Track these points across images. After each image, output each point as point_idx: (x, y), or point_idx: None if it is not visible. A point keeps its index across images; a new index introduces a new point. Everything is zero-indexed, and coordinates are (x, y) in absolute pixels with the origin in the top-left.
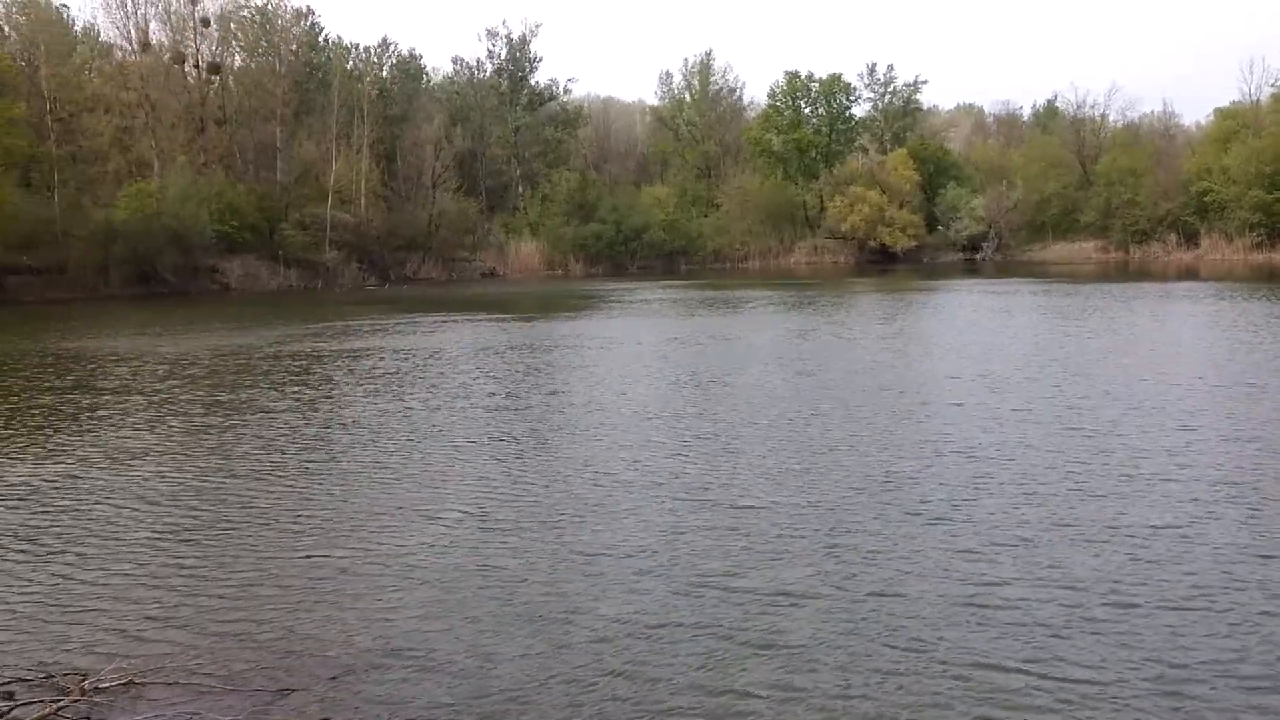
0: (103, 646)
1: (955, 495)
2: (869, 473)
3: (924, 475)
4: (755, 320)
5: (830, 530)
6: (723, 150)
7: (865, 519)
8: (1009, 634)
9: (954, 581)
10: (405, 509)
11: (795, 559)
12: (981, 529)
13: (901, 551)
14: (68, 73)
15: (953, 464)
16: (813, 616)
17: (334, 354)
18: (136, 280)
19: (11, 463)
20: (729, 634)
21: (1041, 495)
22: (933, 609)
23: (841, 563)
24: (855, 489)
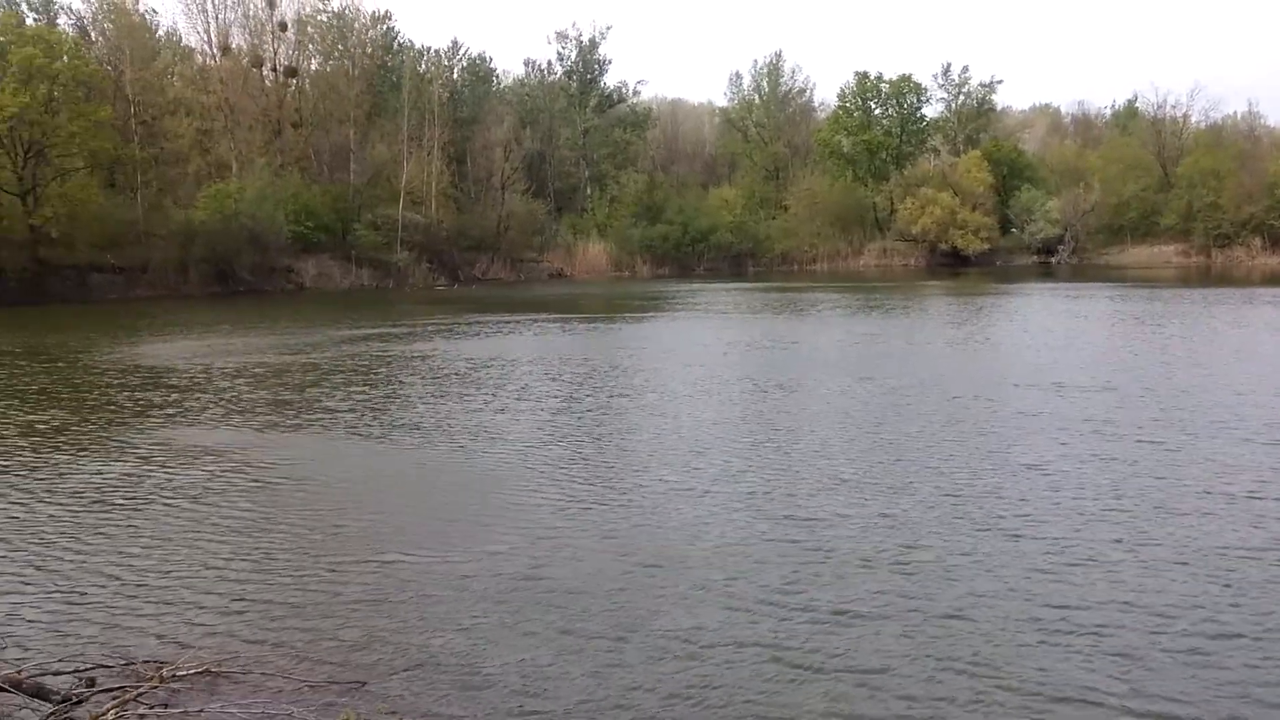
0: (181, 637)
1: (1027, 510)
2: (936, 485)
3: (994, 489)
4: (822, 324)
5: (896, 546)
6: (791, 152)
7: (933, 534)
8: (1087, 661)
9: (1027, 603)
10: (467, 514)
11: (859, 576)
12: (1056, 547)
13: (971, 570)
14: (151, 76)
15: (1024, 477)
16: (877, 637)
17: (401, 354)
18: (215, 279)
19: (88, 459)
20: (789, 654)
21: (1119, 512)
22: (1004, 632)
23: (908, 580)
24: (921, 502)
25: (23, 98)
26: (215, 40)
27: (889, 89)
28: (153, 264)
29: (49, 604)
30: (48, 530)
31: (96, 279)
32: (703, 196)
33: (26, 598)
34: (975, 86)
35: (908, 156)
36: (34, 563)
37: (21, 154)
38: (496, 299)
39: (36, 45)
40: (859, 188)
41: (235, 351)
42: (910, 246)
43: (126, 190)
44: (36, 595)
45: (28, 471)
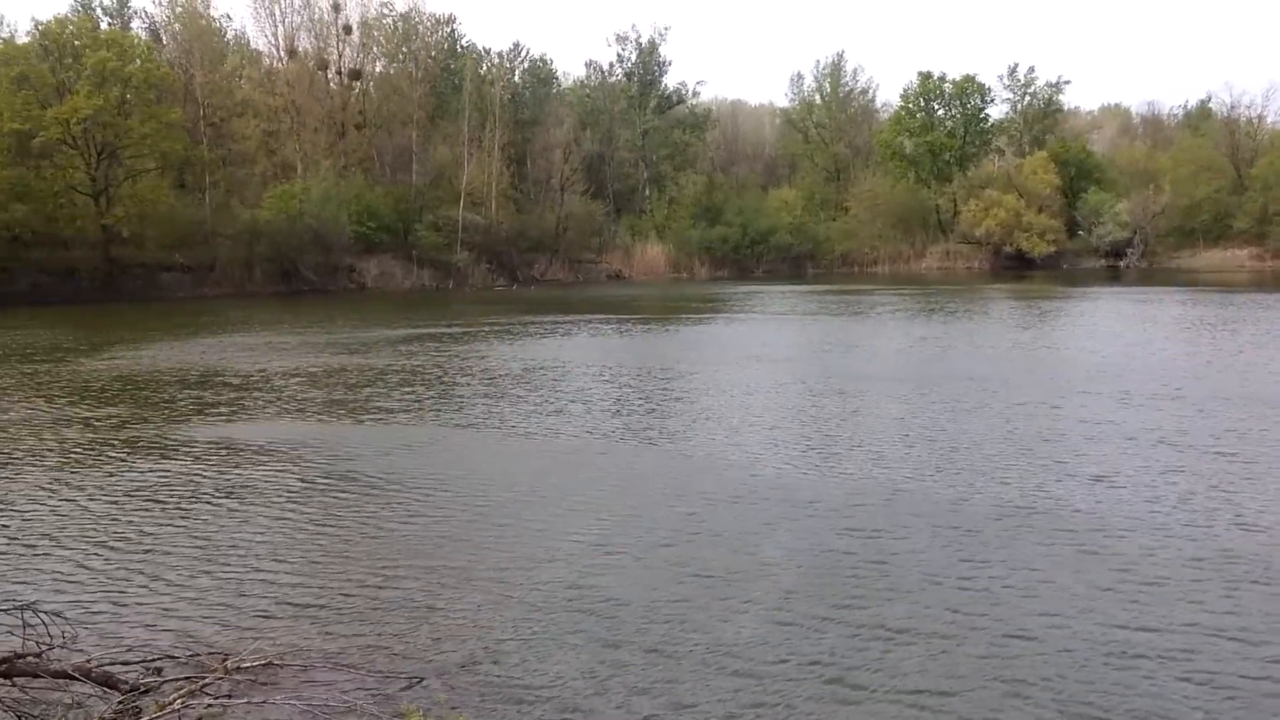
0: (244, 630)
1: (1097, 524)
2: (999, 496)
3: (1061, 501)
4: (882, 327)
5: (958, 560)
6: (853, 153)
7: (994, 549)
8: (1162, 688)
9: (1098, 624)
10: (521, 516)
11: (920, 591)
12: (1128, 564)
13: (1039, 587)
14: (219, 79)
15: (1092, 489)
16: (938, 657)
17: (458, 355)
18: (279, 278)
19: (152, 455)
20: (844, 673)
21: (1192, 527)
22: (1074, 655)
23: (971, 597)
24: (984, 514)
25: (97, 100)
26: (282, 43)
27: (952, 89)
28: (220, 263)
29: (117, 597)
30: (115, 526)
31: (165, 277)
32: (762, 198)
33: (95, 590)
34: (1042, 87)
35: (971, 158)
36: (101, 557)
37: (95, 155)
38: (554, 300)
39: (110, 49)
40: (921, 189)
41: (296, 350)
42: (973, 249)
43: (195, 191)
44: (105, 588)
45: (92, 468)
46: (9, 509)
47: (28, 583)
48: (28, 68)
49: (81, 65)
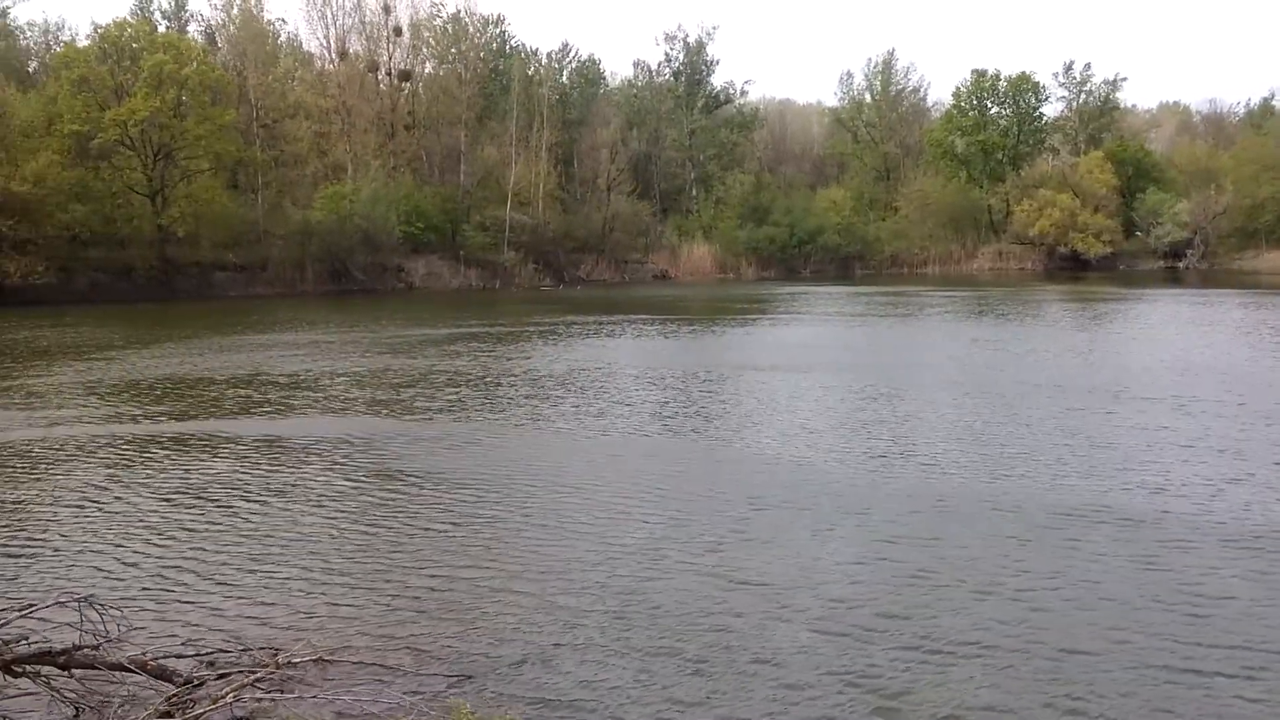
0: (295, 625)
1: (1154, 535)
2: (1054, 505)
3: (1118, 512)
4: (932, 328)
5: (1010, 571)
6: (903, 152)
7: (1050, 559)
8: (1224, 709)
9: (1158, 640)
10: (569, 518)
11: (970, 603)
12: (1190, 579)
13: (1094, 601)
14: (272, 81)
15: (1152, 500)
16: (988, 674)
17: (505, 354)
18: (329, 278)
19: (199, 453)
20: (890, 690)
21: (1257, 539)
22: (1130, 673)
23: (1024, 610)
24: (1038, 524)
25: (153, 102)
26: (334, 45)
27: (1007, 87)
28: (272, 262)
29: (170, 592)
30: (166, 522)
31: (219, 277)
32: (810, 198)
33: (150, 585)
34: (1098, 84)
35: (1025, 157)
36: (154, 553)
37: (151, 156)
38: (599, 300)
39: (167, 52)
40: (973, 189)
41: (343, 349)
42: (1026, 249)
43: (248, 191)
44: (158, 583)
45: (143, 466)
46: (64, 505)
47: (84, 577)
48: (87, 70)
49: (139, 68)
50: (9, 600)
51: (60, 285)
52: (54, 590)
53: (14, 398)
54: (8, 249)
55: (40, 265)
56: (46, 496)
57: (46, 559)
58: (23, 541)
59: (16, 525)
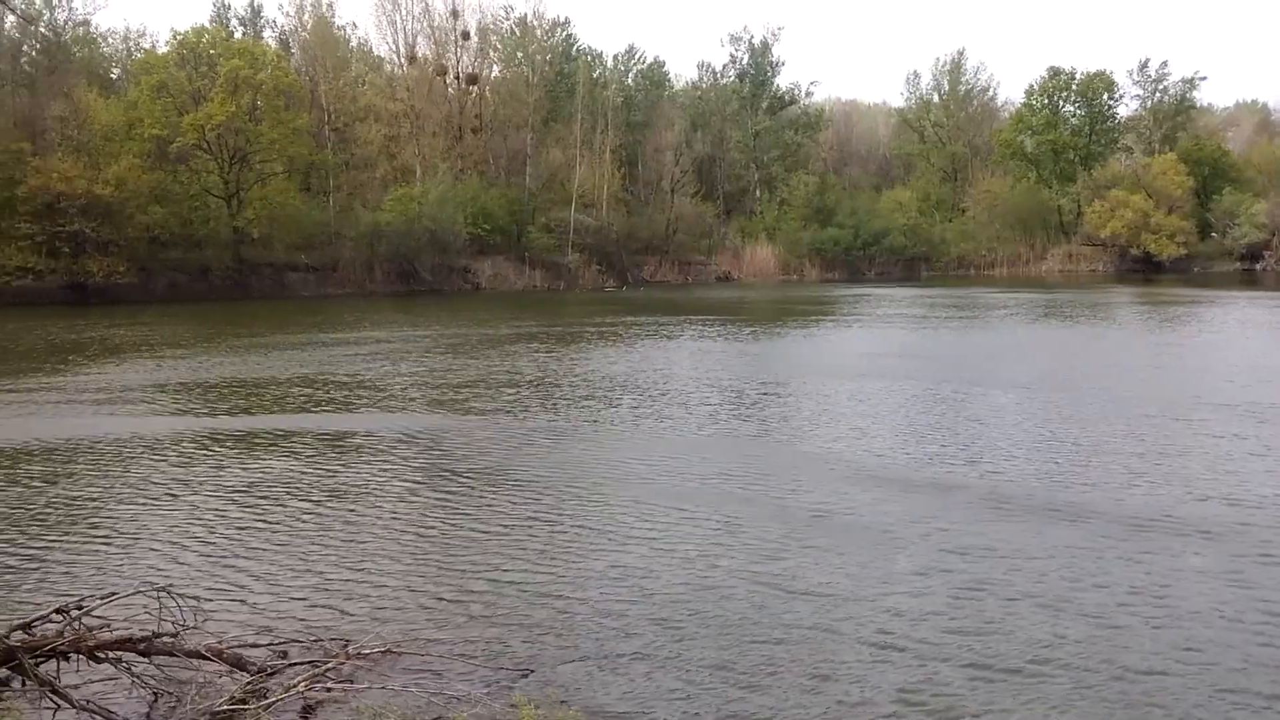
0: (363, 617)
1: (1231, 549)
2: (1126, 515)
3: (1195, 523)
4: (1000, 332)
5: (1077, 586)
6: (971, 152)
7: (1122, 573)
8: None
9: (1235, 659)
10: (628, 520)
11: (1037, 619)
12: (1271, 596)
13: (1167, 618)
14: (343, 86)
15: (1223, 511)
16: (1055, 696)
17: (567, 356)
18: (398, 279)
19: (268, 450)
20: (951, 712)
21: None
22: (1213, 698)
23: (1094, 627)
24: (1110, 535)
25: (230, 107)
26: (403, 50)
27: (1080, 85)
28: (342, 263)
29: (244, 583)
30: (238, 516)
31: (292, 277)
32: (875, 199)
33: (224, 576)
34: (1174, 83)
35: (1096, 157)
36: (227, 545)
37: (227, 160)
38: (661, 301)
39: (242, 58)
40: (1042, 189)
41: (410, 348)
42: (1097, 251)
43: (320, 194)
44: (233, 575)
45: (214, 461)
46: (140, 499)
47: (161, 568)
48: (166, 76)
49: (216, 74)
50: (92, 588)
51: (140, 285)
52: (133, 580)
53: (93, 394)
54: (91, 250)
55: (121, 265)
56: (124, 490)
57: (125, 550)
58: (103, 533)
59: (95, 517)
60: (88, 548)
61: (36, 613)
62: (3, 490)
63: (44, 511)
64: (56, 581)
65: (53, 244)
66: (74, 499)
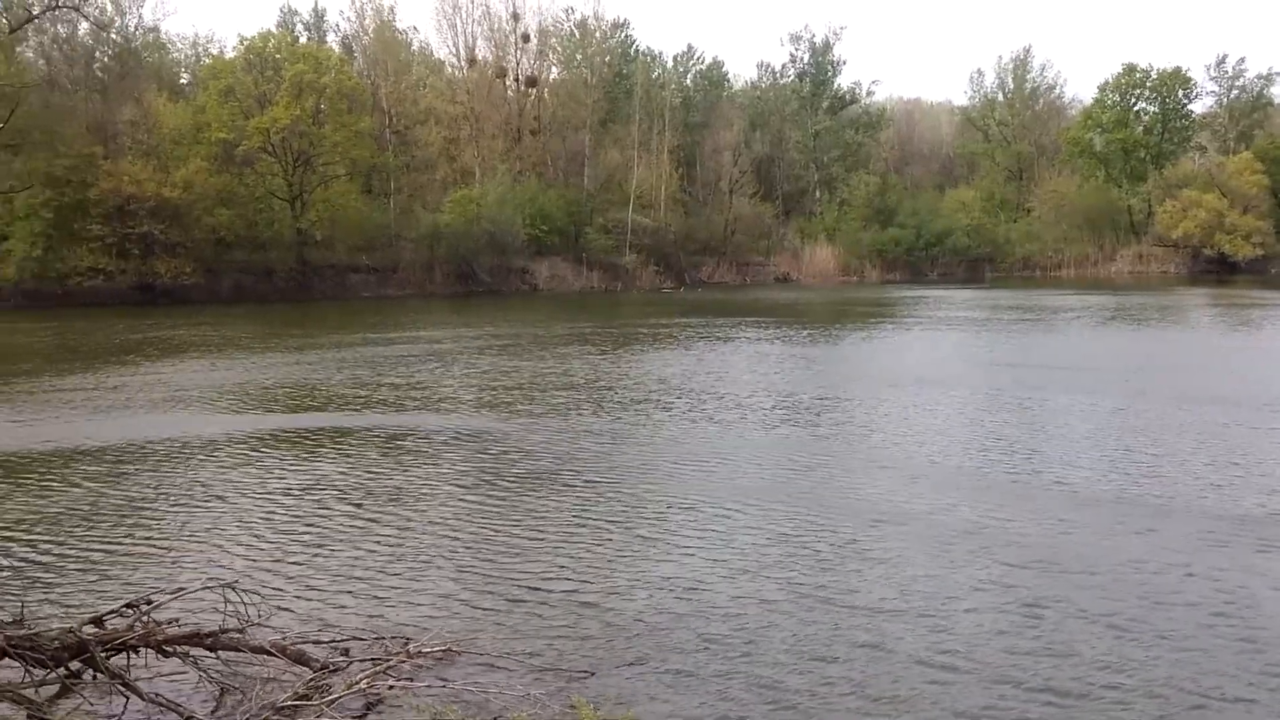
0: (424, 616)
1: None
2: (1198, 530)
3: (1269, 539)
4: (1067, 334)
5: (1146, 602)
6: (1037, 151)
7: (1194, 591)
8: None
9: None
10: (685, 525)
11: (1102, 640)
12: None
13: (1244, 642)
14: (404, 89)
15: None
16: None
17: (622, 358)
18: (457, 280)
19: (326, 449)
20: None
21: None
22: None
23: (1164, 649)
24: (1179, 551)
25: (294, 110)
26: (463, 53)
27: (1155, 82)
28: (402, 264)
29: (305, 580)
30: (299, 514)
31: (353, 278)
32: (938, 198)
33: (287, 573)
34: (1252, 79)
35: (1168, 155)
36: (289, 543)
37: (291, 162)
38: (719, 302)
39: (306, 62)
40: (1111, 189)
41: (469, 348)
42: (1169, 252)
43: (381, 196)
44: (296, 571)
45: (273, 460)
46: (204, 498)
47: (226, 564)
48: (233, 80)
49: (281, 78)
50: (155, 584)
51: (206, 286)
52: (197, 577)
53: (153, 394)
54: (159, 251)
55: (188, 267)
56: (185, 489)
57: (187, 548)
58: (166, 531)
59: (157, 516)
60: (151, 545)
61: (107, 607)
62: (69, 489)
63: (109, 510)
64: (119, 576)
65: (123, 245)
66: (136, 498)
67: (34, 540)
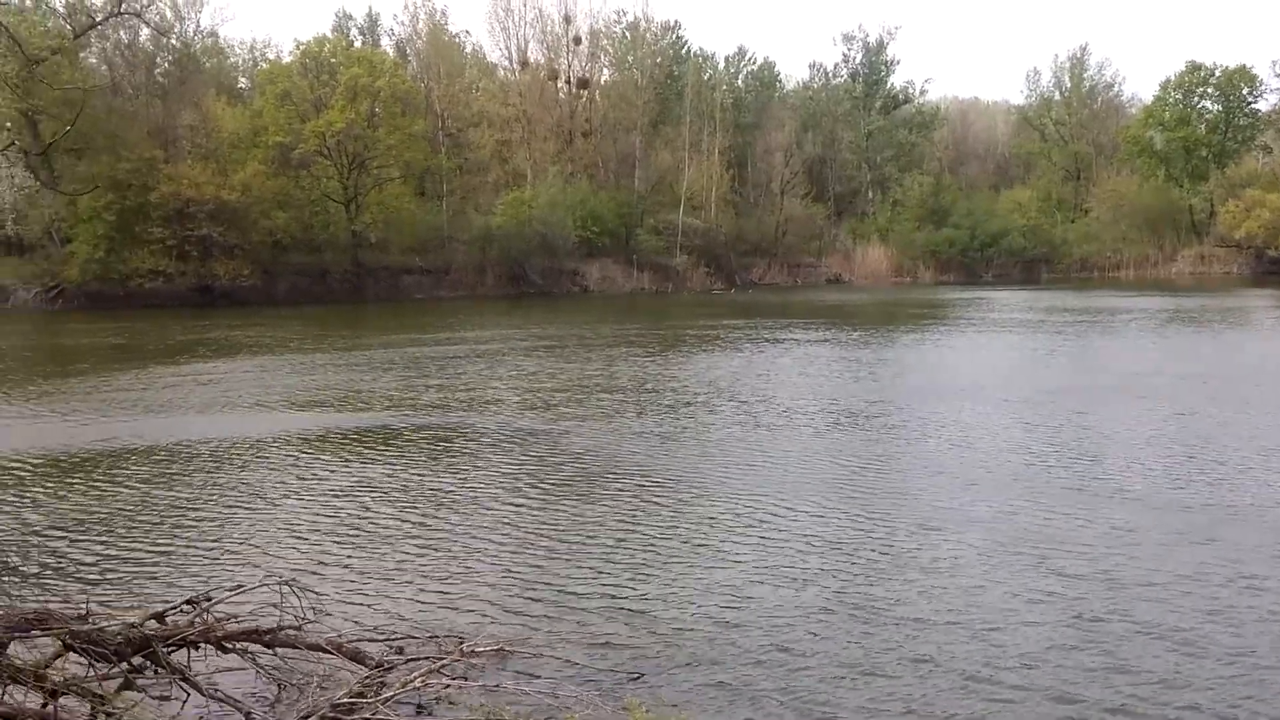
0: (477, 615)
1: None
2: (1266, 546)
3: None
4: (1127, 338)
5: (1213, 621)
6: (1095, 151)
7: (1264, 610)
8: None
9: None
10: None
11: (1162, 659)
12: None
13: None
14: (457, 91)
15: None
16: None
17: (672, 361)
18: (508, 281)
19: (379, 450)
20: None
21: None
22: None
23: (1232, 672)
24: (1249, 564)
25: (349, 114)
26: (515, 56)
27: (1220, 80)
28: (455, 266)
29: (361, 579)
30: (352, 514)
31: (407, 280)
32: (993, 199)
33: (341, 573)
34: None
35: (1231, 154)
36: (344, 542)
37: (346, 165)
38: (770, 304)
39: (361, 65)
40: (1172, 188)
41: (520, 348)
42: (1231, 253)
43: (433, 198)
44: (350, 570)
45: (325, 460)
46: (261, 497)
47: (279, 564)
48: (290, 85)
49: (336, 81)
50: (217, 582)
51: (262, 287)
52: (255, 574)
53: (213, 393)
54: (218, 253)
55: (246, 268)
56: (241, 488)
57: (242, 547)
58: (224, 528)
59: (214, 514)
60: (207, 543)
61: (168, 603)
62: (122, 488)
63: (164, 508)
64: (177, 573)
65: (182, 247)
66: (191, 497)
67: (94, 538)
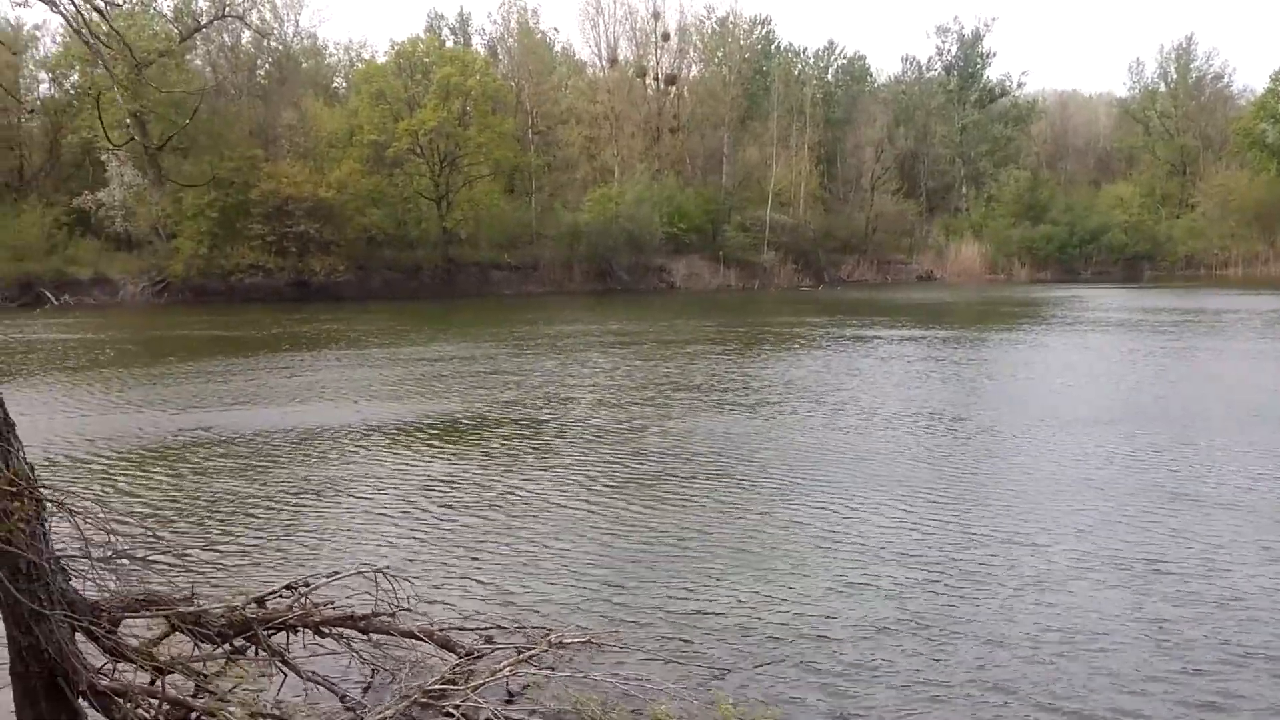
0: (566, 607)
1: None
2: None
3: None
4: (1238, 341)
5: None
6: (1202, 144)
7: None
8: None
9: None
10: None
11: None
12: None
13: None
14: (547, 89)
15: None
16: None
17: (755, 357)
18: (595, 277)
19: (467, 444)
20: None
21: None
22: None
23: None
24: None
25: (441, 112)
26: (604, 53)
27: None
28: (543, 262)
29: (452, 568)
30: (442, 504)
31: (496, 275)
32: (1093, 194)
33: (434, 562)
34: None
35: None
36: (436, 532)
37: (438, 163)
38: (859, 302)
39: (453, 65)
40: None
41: (605, 344)
42: None
43: (522, 195)
44: (442, 559)
45: (414, 452)
46: (350, 489)
47: (371, 553)
48: (384, 84)
49: (429, 81)
50: (315, 568)
51: (357, 283)
52: (348, 562)
53: (302, 384)
54: (314, 249)
55: (341, 264)
56: (329, 478)
57: (336, 535)
58: (320, 517)
59: (310, 504)
60: (301, 531)
61: (268, 589)
62: (215, 478)
63: (259, 497)
64: (273, 561)
65: (281, 243)
66: (284, 487)
67: (193, 525)
